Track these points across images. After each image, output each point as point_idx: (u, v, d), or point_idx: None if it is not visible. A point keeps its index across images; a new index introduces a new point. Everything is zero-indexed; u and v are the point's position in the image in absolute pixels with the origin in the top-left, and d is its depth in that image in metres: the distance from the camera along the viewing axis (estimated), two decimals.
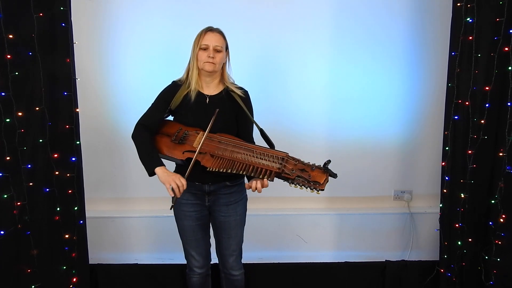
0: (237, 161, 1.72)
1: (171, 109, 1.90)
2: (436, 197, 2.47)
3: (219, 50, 1.83)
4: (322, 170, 1.64)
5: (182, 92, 1.88)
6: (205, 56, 1.82)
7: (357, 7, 2.52)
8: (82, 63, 2.24)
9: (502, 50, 2.02)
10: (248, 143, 1.83)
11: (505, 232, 2.10)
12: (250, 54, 2.46)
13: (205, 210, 1.96)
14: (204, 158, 1.75)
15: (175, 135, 1.84)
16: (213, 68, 1.84)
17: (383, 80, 2.59)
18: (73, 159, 2.06)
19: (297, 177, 1.63)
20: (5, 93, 1.85)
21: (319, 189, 1.61)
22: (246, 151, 1.75)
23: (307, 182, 1.61)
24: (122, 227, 2.61)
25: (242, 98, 1.90)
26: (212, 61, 1.82)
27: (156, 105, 1.91)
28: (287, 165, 1.67)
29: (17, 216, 1.94)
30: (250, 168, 1.69)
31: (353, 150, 2.62)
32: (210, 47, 1.82)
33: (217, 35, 1.85)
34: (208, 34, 1.83)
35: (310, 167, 1.65)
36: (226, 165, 1.72)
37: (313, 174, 1.63)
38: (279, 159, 1.70)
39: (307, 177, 1.62)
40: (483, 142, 2.13)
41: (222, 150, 1.76)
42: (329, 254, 2.69)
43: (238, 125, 1.93)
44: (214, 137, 1.80)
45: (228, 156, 1.74)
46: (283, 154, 1.72)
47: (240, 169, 1.70)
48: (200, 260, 2.01)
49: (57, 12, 1.93)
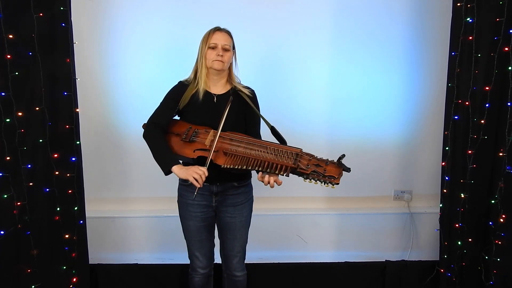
0: (252, 158, 1.71)
1: (179, 108, 1.90)
2: (436, 197, 2.47)
3: (227, 49, 1.86)
4: (337, 164, 1.66)
5: (190, 92, 1.88)
6: (214, 54, 1.84)
7: (357, 8, 2.52)
8: (82, 63, 2.24)
9: (502, 50, 2.02)
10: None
11: (505, 232, 2.10)
12: (249, 54, 2.45)
13: (211, 211, 1.95)
14: (217, 156, 1.75)
15: (185, 134, 1.83)
16: (222, 67, 1.85)
17: (383, 80, 2.59)
18: (73, 159, 2.06)
19: (312, 172, 1.64)
20: (5, 93, 1.85)
21: (334, 183, 1.62)
22: (259, 148, 1.75)
23: (323, 176, 1.63)
24: (122, 227, 2.60)
25: (249, 97, 1.91)
26: (221, 59, 1.84)
27: (165, 104, 1.91)
28: (302, 161, 1.68)
29: (17, 216, 1.94)
30: (266, 164, 1.68)
31: (353, 150, 2.62)
32: (219, 45, 1.84)
33: (225, 34, 1.88)
34: (216, 33, 1.86)
35: (325, 162, 1.67)
36: (241, 162, 1.71)
37: (328, 169, 1.64)
38: (293, 155, 1.70)
39: (322, 171, 1.64)
40: (483, 142, 2.13)
41: (236, 147, 1.76)
42: (329, 254, 2.69)
43: (246, 124, 1.94)
44: (225, 135, 1.80)
45: (242, 153, 1.73)
46: (297, 150, 1.72)
47: (255, 165, 1.69)
48: (203, 261, 2.01)
49: (57, 12, 1.93)
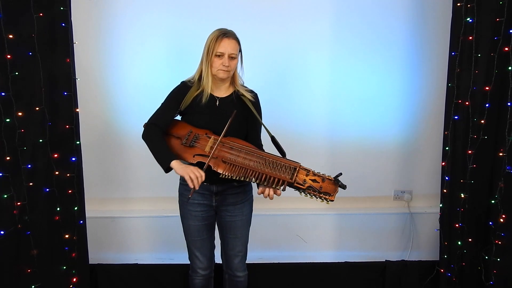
0: (250, 169, 1.71)
1: (181, 109, 1.89)
2: (436, 197, 2.47)
3: (233, 57, 1.81)
4: (333, 182, 1.68)
5: (193, 93, 1.86)
6: (219, 63, 1.79)
7: (357, 8, 2.52)
8: (82, 63, 2.24)
9: (502, 50, 2.02)
10: (258, 148, 1.83)
11: (505, 232, 2.10)
12: (249, 55, 2.45)
13: (211, 211, 1.95)
14: (216, 163, 1.74)
15: (186, 138, 1.82)
16: (227, 75, 1.83)
17: (383, 80, 2.59)
18: (73, 159, 2.06)
19: (308, 187, 1.67)
20: (5, 93, 1.85)
21: (329, 200, 1.66)
22: (258, 159, 1.74)
23: (318, 192, 1.66)
24: (122, 227, 2.60)
25: (252, 102, 1.89)
26: (226, 69, 1.80)
27: (167, 104, 1.89)
28: (299, 175, 1.69)
29: (17, 216, 1.94)
30: (263, 177, 1.69)
31: (353, 150, 2.62)
32: (226, 55, 1.78)
33: (233, 41, 1.80)
34: (224, 40, 1.77)
35: (321, 178, 1.68)
36: (239, 172, 1.71)
37: (324, 185, 1.67)
38: (291, 169, 1.70)
39: (318, 188, 1.66)
40: (483, 142, 2.13)
41: (235, 156, 1.75)
42: (329, 254, 2.69)
43: (248, 128, 1.93)
44: (225, 142, 1.78)
45: (240, 163, 1.73)
46: (295, 164, 1.72)
47: (252, 177, 1.70)
48: (204, 261, 2.00)
49: (57, 12, 1.93)
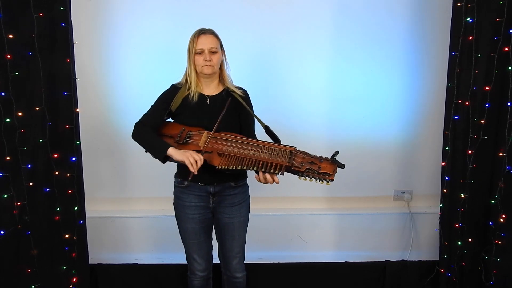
0: (246, 157, 1.71)
1: (172, 111, 1.89)
2: (436, 197, 2.46)
3: (214, 51, 1.83)
4: (330, 161, 1.67)
5: (182, 94, 1.88)
6: (201, 60, 1.82)
7: (357, 8, 2.51)
8: (82, 63, 2.24)
9: (502, 50, 2.02)
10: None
11: (505, 232, 2.10)
12: (249, 55, 2.46)
13: (209, 212, 1.95)
14: (212, 157, 1.74)
15: (179, 136, 1.83)
16: (212, 71, 1.84)
17: (383, 80, 2.59)
18: (73, 159, 2.05)
19: (307, 169, 1.65)
20: (5, 93, 1.85)
21: (329, 180, 1.64)
22: (254, 147, 1.75)
23: (317, 173, 1.64)
24: (122, 227, 2.61)
25: (242, 97, 1.90)
26: (209, 64, 1.82)
27: (156, 106, 1.90)
28: (296, 159, 1.68)
29: (17, 216, 1.94)
30: (260, 163, 1.68)
31: (353, 150, 2.62)
32: (205, 50, 1.81)
33: (210, 36, 1.84)
34: (201, 37, 1.82)
35: (319, 159, 1.68)
36: (235, 162, 1.70)
37: (322, 166, 1.66)
38: (287, 153, 1.71)
39: (317, 169, 1.65)
40: (483, 142, 2.13)
41: (230, 147, 1.76)
42: (329, 254, 2.69)
43: (241, 124, 1.94)
44: (219, 136, 1.79)
45: (236, 153, 1.73)
46: (291, 148, 1.73)
47: (249, 165, 1.69)
48: (202, 263, 2.00)
49: (57, 12, 1.93)
